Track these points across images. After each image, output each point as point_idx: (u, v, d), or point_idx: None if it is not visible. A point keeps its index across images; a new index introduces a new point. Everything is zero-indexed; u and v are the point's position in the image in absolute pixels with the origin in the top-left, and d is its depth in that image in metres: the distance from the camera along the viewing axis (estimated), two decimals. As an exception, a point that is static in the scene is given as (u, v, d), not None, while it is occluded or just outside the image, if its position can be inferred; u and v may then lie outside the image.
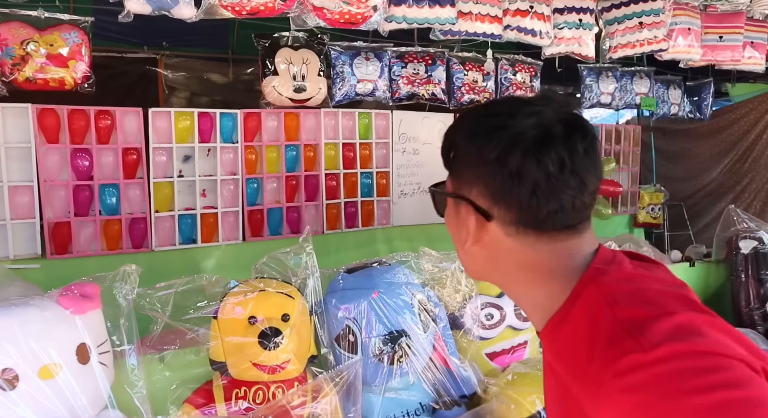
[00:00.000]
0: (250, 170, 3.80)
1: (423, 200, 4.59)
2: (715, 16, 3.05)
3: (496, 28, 2.39)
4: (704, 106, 5.30)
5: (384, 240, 4.34)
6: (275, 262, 1.64)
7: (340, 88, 3.73)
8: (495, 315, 1.78)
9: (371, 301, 1.59)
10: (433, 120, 4.61)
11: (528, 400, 1.52)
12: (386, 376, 1.56)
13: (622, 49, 2.83)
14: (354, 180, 4.21)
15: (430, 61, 3.94)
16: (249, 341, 1.41)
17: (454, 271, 1.75)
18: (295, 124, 3.93)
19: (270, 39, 3.41)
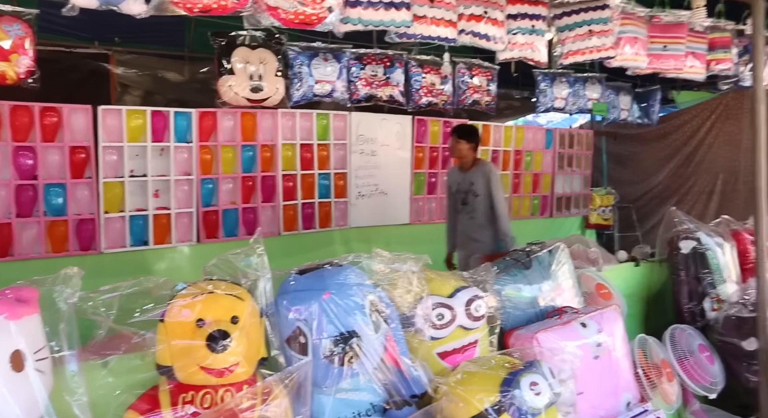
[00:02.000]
0: (205, 170, 3.75)
1: (381, 201, 4.63)
2: (659, 26, 3.18)
3: (450, 32, 2.42)
4: (652, 112, 5.52)
5: (341, 241, 4.35)
6: (225, 264, 1.62)
7: (298, 88, 3.71)
8: (446, 315, 1.81)
9: (322, 302, 1.59)
10: (392, 122, 4.65)
11: (476, 398, 1.54)
12: (337, 377, 1.56)
13: (573, 55, 2.91)
14: (311, 181, 4.21)
15: (389, 63, 3.97)
16: (196, 344, 1.38)
17: (405, 272, 1.77)
18: (251, 125, 3.90)
19: (227, 38, 3.37)
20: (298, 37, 3.69)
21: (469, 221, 3.64)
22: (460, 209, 3.70)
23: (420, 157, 4.90)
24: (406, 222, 4.78)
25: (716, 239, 2.84)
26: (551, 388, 1.63)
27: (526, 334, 1.97)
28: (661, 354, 2.34)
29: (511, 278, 2.20)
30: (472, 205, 3.61)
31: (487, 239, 3.58)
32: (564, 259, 2.37)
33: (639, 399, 2.10)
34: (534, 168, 5.70)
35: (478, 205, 3.58)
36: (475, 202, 3.59)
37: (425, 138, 4.93)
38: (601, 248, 3.14)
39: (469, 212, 3.63)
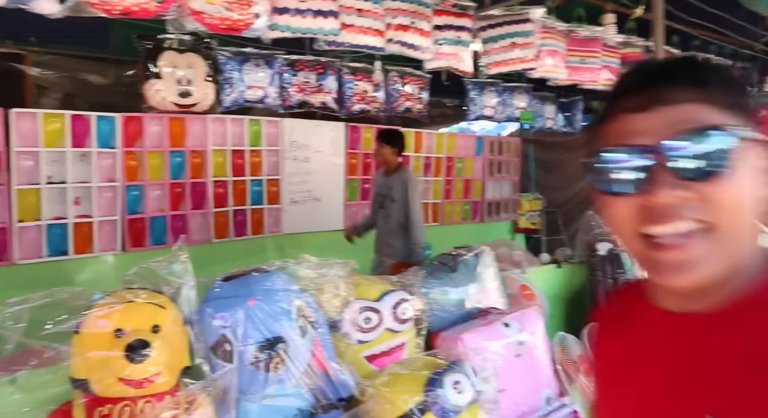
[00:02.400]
0: (131, 177, 3.62)
1: (314, 208, 4.62)
2: (577, 40, 3.37)
3: (378, 41, 2.47)
4: (575, 120, 5.82)
5: (274, 248, 4.31)
6: (147, 272, 1.58)
7: (228, 94, 3.67)
8: (373, 319, 1.83)
9: (248, 308, 1.58)
10: (325, 128, 4.67)
11: (401, 399, 1.57)
12: (263, 383, 1.55)
13: (497, 66, 3.04)
14: (243, 187, 4.15)
15: (322, 70, 3.99)
16: (114, 355, 1.34)
17: (333, 277, 1.78)
18: (180, 130, 3.81)
19: (153, 41, 3.28)
20: (229, 43, 3.65)
21: (384, 226, 3.67)
22: (378, 212, 3.73)
23: (353, 163, 4.94)
24: (340, 228, 4.79)
25: (629, 241, 3.03)
26: (474, 386, 1.68)
27: (452, 335, 2.03)
28: (579, 351, 2.47)
29: (438, 281, 2.25)
30: (388, 209, 3.63)
31: (399, 245, 3.60)
32: (489, 262, 2.46)
33: (558, 394, 2.21)
34: (465, 174, 5.86)
35: (393, 210, 3.59)
36: (391, 207, 3.61)
37: (358, 144, 4.97)
38: (526, 251, 3.27)
39: (385, 217, 3.66)
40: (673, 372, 0.65)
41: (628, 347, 0.74)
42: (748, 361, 0.58)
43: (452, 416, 1.62)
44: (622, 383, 0.74)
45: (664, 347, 0.67)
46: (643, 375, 0.69)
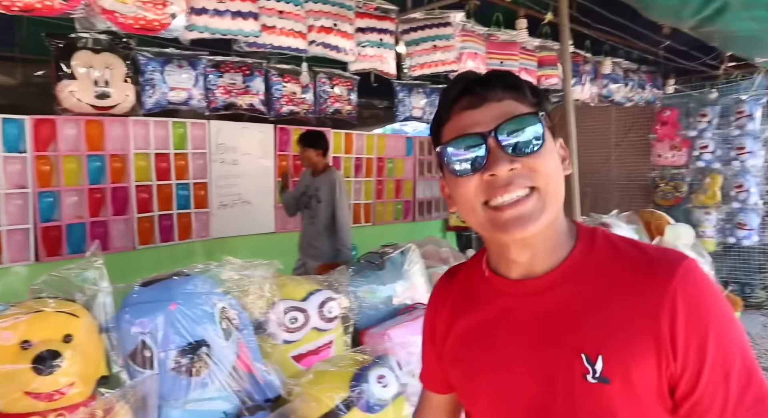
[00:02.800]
0: (44, 183, 3.43)
1: (244, 211, 4.55)
2: (496, 44, 3.51)
3: (301, 43, 2.48)
4: (500, 122, 6.03)
5: (203, 253, 4.21)
6: (58, 280, 1.52)
7: (150, 95, 3.54)
8: (299, 318, 1.85)
9: (168, 313, 1.55)
10: (253, 130, 4.60)
11: (326, 396, 1.60)
12: (185, 388, 1.53)
13: (420, 68, 3.11)
14: (169, 192, 4.03)
15: (248, 71, 3.93)
16: (20, 368, 1.28)
17: (257, 278, 1.78)
18: (98, 133, 3.65)
19: (65, 40, 3.12)
20: (150, 43, 3.53)
21: (309, 227, 3.62)
22: (303, 212, 3.69)
23: (283, 165, 4.90)
24: (271, 231, 4.75)
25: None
26: (398, 380, 1.73)
27: (379, 331, 2.08)
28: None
29: (365, 279, 2.29)
30: (314, 210, 3.60)
31: (325, 247, 3.56)
32: (416, 259, 2.52)
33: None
34: (396, 174, 5.95)
35: (320, 211, 3.56)
36: (317, 208, 3.57)
37: (288, 146, 4.94)
38: (452, 248, 3.37)
39: (311, 218, 3.62)
40: (529, 329, 0.78)
41: (480, 317, 0.85)
42: (589, 305, 0.74)
43: (377, 409, 1.66)
44: (481, 350, 0.84)
45: (513, 310, 0.80)
46: (500, 338, 0.81)
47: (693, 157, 5.47)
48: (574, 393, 0.73)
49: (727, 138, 5.31)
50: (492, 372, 0.82)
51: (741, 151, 5.16)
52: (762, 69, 5.01)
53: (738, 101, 5.23)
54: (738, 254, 5.35)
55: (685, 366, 0.68)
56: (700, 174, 5.50)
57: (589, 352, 0.72)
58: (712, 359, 0.67)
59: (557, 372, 0.74)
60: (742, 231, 5.18)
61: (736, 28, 3.03)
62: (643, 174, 6.05)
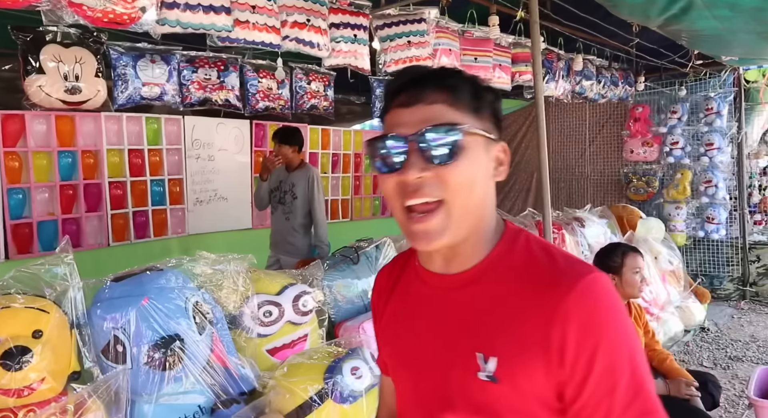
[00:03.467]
0: (13, 179, 3.37)
1: (221, 207, 4.52)
2: (470, 40, 3.54)
3: (274, 38, 2.47)
4: (476, 118, 6.07)
5: (179, 249, 4.17)
6: (26, 277, 1.51)
7: (122, 91, 3.48)
8: (274, 312, 1.86)
9: (141, 308, 1.55)
10: (229, 126, 4.57)
11: (300, 388, 1.62)
12: (159, 383, 1.54)
13: (394, 64, 3.12)
14: (143, 188, 3.99)
15: (223, 66, 3.89)
16: (-12, 363, 1.28)
17: (231, 272, 1.79)
18: (69, 129, 3.59)
19: (33, 33, 3.06)
20: (122, 37, 3.48)
21: (284, 223, 3.57)
22: (276, 207, 3.64)
23: (260, 161, 4.87)
24: (248, 227, 4.72)
25: (522, 229, 3.24)
26: (372, 371, 1.75)
27: (353, 324, 2.10)
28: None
29: (340, 273, 2.31)
30: (289, 206, 3.56)
31: (300, 243, 3.54)
32: (391, 253, 2.55)
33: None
34: (374, 170, 5.96)
35: (296, 207, 3.53)
36: (293, 204, 3.54)
37: (264, 142, 4.92)
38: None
39: (286, 214, 3.57)
40: (442, 321, 0.81)
41: (406, 303, 0.89)
42: (494, 307, 0.77)
43: (351, 401, 1.69)
44: (403, 334, 0.88)
45: (432, 302, 0.83)
46: (419, 326, 0.84)
47: (664, 153, 5.59)
48: (468, 388, 0.76)
49: (697, 134, 5.44)
50: (408, 358, 0.86)
51: (710, 147, 5.29)
52: (729, 67, 5.14)
53: (707, 98, 5.36)
54: (707, 247, 5.49)
55: (572, 375, 0.70)
56: (670, 169, 5.63)
57: (485, 351, 0.74)
58: (599, 371, 0.69)
59: (455, 366, 0.78)
60: (711, 225, 5.32)
61: (700, 26, 3.11)
62: (617, 169, 6.16)
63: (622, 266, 2.37)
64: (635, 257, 2.41)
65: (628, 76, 5.43)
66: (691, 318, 3.83)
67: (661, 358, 2.35)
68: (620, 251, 2.45)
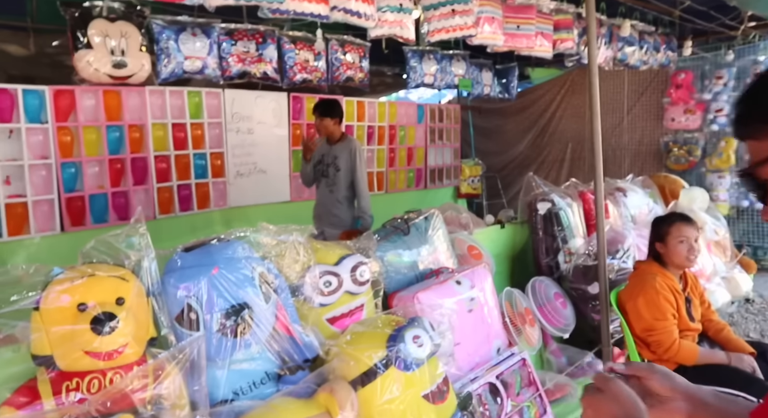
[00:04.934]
0: (66, 154, 3.46)
1: (260, 180, 4.58)
2: (513, 7, 3.47)
3: (323, 9, 2.46)
4: (511, 87, 5.98)
5: (221, 222, 4.26)
6: (105, 246, 1.57)
7: (165, 65, 3.53)
8: (333, 282, 1.90)
9: (211, 277, 1.60)
10: (267, 99, 4.59)
11: (365, 355, 1.66)
12: (230, 349, 1.60)
13: (438, 33, 3.08)
14: (186, 161, 4.06)
15: (261, 39, 3.89)
16: (80, 328, 1.34)
17: (292, 243, 1.82)
18: (116, 103, 3.65)
19: (80, 8, 3.10)
20: (162, 11, 3.50)
21: (329, 195, 3.62)
22: (321, 180, 3.68)
23: (297, 134, 4.90)
24: (287, 199, 4.79)
25: (567, 200, 3.22)
26: (432, 340, 1.79)
27: (408, 294, 2.13)
28: (525, 304, 2.64)
29: (391, 244, 2.34)
30: (333, 179, 3.59)
31: (344, 215, 3.58)
32: (439, 224, 2.57)
33: (507, 344, 2.37)
34: (408, 142, 5.94)
35: (339, 180, 3.56)
36: (336, 176, 3.58)
37: (301, 115, 4.94)
38: (471, 213, 3.41)
39: (329, 186, 3.62)
40: None
41: None
42: None
43: (414, 368, 1.73)
44: None
45: None
46: None
47: (707, 121, 5.43)
48: None
49: (743, 101, 5.25)
50: None
51: (756, 115, 5.11)
52: (780, 29, 4.93)
53: (755, 63, 5.16)
54: (751, 217, 5.37)
55: None
56: (714, 138, 5.47)
57: None
58: None
59: None
60: (755, 195, 5.18)
61: (760, -14, 2.98)
62: (656, 139, 6.02)
63: (667, 235, 2.36)
64: (681, 226, 2.38)
65: (670, 41, 5.25)
66: (737, 289, 3.78)
67: (718, 328, 2.34)
68: (669, 220, 2.43)
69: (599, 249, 2.60)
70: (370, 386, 1.63)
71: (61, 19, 3.10)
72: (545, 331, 2.67)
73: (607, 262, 2.62)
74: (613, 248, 2.94)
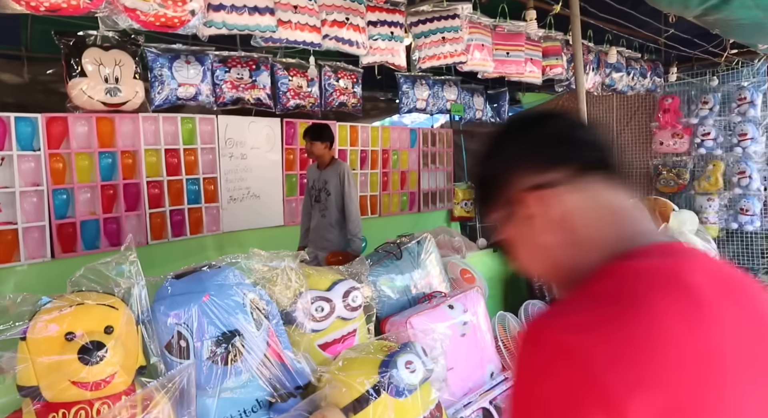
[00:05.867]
0: (58, 180, 3.46)
1: (254, 205, 4.59)
2: (502, 35, 3.54)
3: (315, 37, 2.50)
4: (502, 111, 6.06)
5: (215, 247, 4.25)
6: (94, 273, 1.56)
7: (159, 92, 3.56)
8: (325, 308, 1.89)
9: (202, 304, 1.59)
10: (260, 124, 4.63)
11: (357, 381, 1.64)
12: (221, 377, 1.58)
13: (429, 60, 3.14)
14: (179, 187, 4.06)
15: (254, 66, 3.95)
16: (67, 358, 1.33)
17: (284, 269, 1.82)
18: (109, 130, 3.67)
19: (74, 37, 3.14)
20: (156, 39, 3.55)
21: (321, 219, 3.66)
22: (314, 206, 3.73)
23: (290, 159, 4.93)
24: (280, 224, 4.79)
25: (558, 223, 3.23)
26: (425, 365, 1.77)
27: (400, 319, 2.12)
28: (518, 327, 2.63)
29: (384, 268, 2.34)
30: (324, 203, 3.64)
31: (336, 238, 3.61)
32: (431, 248, 2.57)
33: (500, 369, 2.35)
34: (401, 166, 5.98)
35: (330, 204, 3.61)
36: (327, 200, 3.62)
37: (295, 140, 4.97)
38: (464, 237, 3.42)
39: (322, 211, 3.66)
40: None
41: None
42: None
43: (406, 394, 1.71)
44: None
45: None
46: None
47: (695, 144, 5.51)
48: None
49: (729, 124, 5.35)
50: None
51: (743, 138, 5.20)
52: (763, 55, 5.04)
53: (740, 88, 5.26)
54: (741, 239, 5.41)
55: None
56: (701, 161, 5.55)
57: None
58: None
59: None
60: (745, 216, 5.24)
61: (741, 15, 3.06)
62: (645, 162, 6.09)
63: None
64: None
65: (656, 67, 5.36)
66: (729, 311, 3.77)
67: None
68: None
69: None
70: (362, 413, 1.61)
71: (55, 48, 3.14)
72: (539, 355, 2.65)
73: (599, 285, 2.62)
74: (605, 271, 2.94)
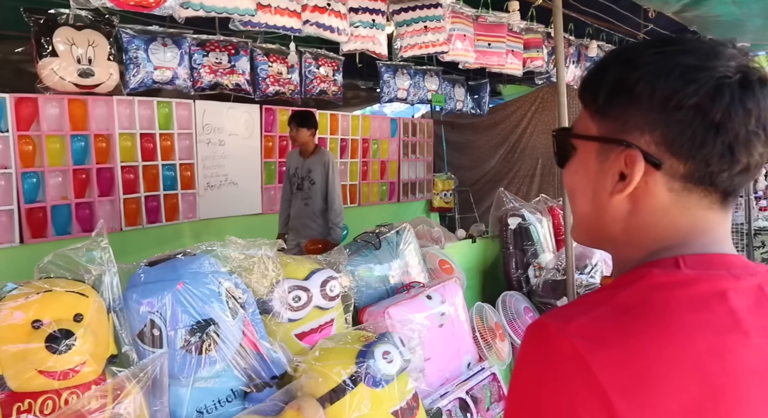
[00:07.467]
0: (27, 163, 3.35)
1: (231, 192, 4.52)
2: (484, 26, 3.52)
3: (295, 23, 2.46)
4: (483, 103, 6.06)
5: (191, 234, 4.18)
6: (64, 259, 1.51)
7: (134, 74, 3.47)
8: (302, 297, 1.87)
9: (176, 292, 1.56)
10: (239, 111, 4.55)
11: (334, 371, 1.63)
12: (195, 366, 1.55)
13: (410, 49, 3.11)
14: (155, 172, 3.98)
15: (234, 51, 3.87)
16: (33, 346, 1.29)
17: (261, 257, 1.79)
18: (82, 112, 3.57)
19: (45, 15, 3.03)
20: (132, 20, 3.45)
21: (303, 208, 3.63)
22: (295, 194, 3.69)
23: (269, 146, 4.86)
24: (259, 212, 4.73)
25: (536, 215, 3.26)
26: (402, 355, 1.77)
27: (378, 309, 2.11)
28: (495, 318, 2.65)
29: (362, 258, 2.32)
30: (307, 192, 3.60)
31: (319, 227, 3.60)
32: (410, 239, 2.56)
33: (477, 359, 2.37)
34: (381, 156, 5.95)
35: (314, 193, 3.58)
36: (311, 189, 3.59)
37: (274, 127, 4.90)
38: (443, 227, 3.42)
39: (305, 199, 3.63)
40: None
41: None
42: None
43: (383, 384, 1.71)
44: None
45: None
46: None
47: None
48: None
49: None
50: None
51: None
52: (739, 53, 5.12)
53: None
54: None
55: None
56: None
57: None
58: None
59: None
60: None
61: (719, 12, 3.10)
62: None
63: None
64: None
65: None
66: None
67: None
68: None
69: (567, 264, 2.63)
70: (338, 403, 1.60)
71: (25, 26, 3.03)
72: (515, 346, 2.68)
73: (575, 277, 2.65)
74: (581, 264, 2.97)
